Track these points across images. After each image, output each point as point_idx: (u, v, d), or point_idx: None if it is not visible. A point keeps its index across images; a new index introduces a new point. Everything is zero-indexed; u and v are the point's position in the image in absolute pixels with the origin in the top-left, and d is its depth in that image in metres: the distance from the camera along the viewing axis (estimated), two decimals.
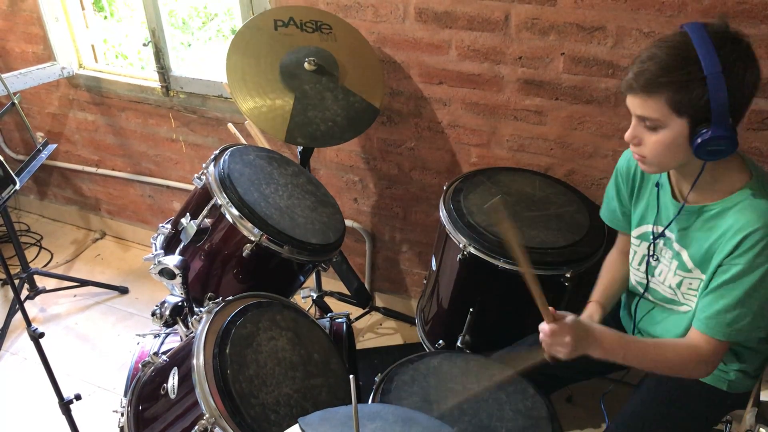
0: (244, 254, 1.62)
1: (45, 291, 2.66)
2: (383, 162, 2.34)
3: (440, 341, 1.87)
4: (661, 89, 1.11)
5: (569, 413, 2.15)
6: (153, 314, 1.52)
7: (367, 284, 2.65)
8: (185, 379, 1.29)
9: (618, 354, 1.26)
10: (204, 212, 1.67)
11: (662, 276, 1.38)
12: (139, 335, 1.73)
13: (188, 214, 1.71)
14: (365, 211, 2.50)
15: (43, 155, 2.25)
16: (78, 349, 2.50)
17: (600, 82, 1.85)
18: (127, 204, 3.11)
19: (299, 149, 2.10)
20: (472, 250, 1.65)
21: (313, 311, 2.46)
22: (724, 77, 1.07)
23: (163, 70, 2.52)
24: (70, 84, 2.81)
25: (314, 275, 2.43)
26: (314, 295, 2.45)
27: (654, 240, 1.38)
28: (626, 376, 1.58)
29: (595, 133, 1.94)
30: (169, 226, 1.80)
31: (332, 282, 2.60)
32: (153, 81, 2.61)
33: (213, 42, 3.66)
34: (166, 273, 1.50)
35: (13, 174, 1.87)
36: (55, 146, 2.37)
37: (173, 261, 1.50)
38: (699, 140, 1.12)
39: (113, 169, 3.01)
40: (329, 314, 1.82)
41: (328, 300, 2.51)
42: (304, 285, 1.97)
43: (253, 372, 1.30)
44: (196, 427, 1.20)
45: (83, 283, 2.75)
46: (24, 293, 2.60)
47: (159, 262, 1.51)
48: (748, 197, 1.19)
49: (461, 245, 1.67)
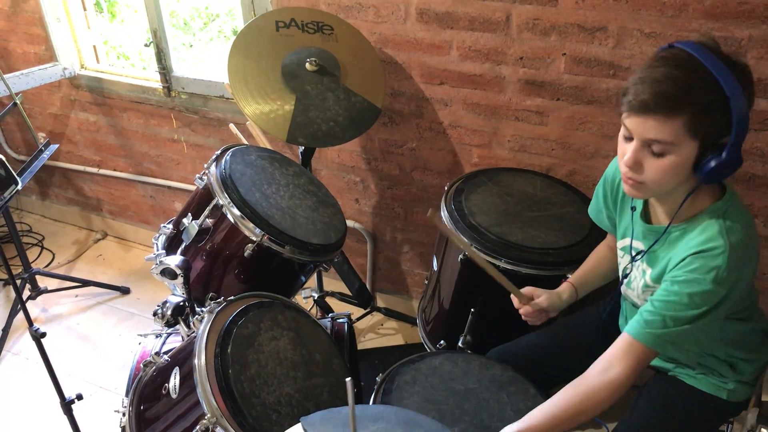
0: (246, 254, 1.62)
1: (47, 291, 2.67)
2: (384, 162, 2.34)
3: (441, 341, 1.87)
4: (682, 111, 1.04)
5: None
6: (154, 314, 1.52)
7: (369, 284, 2.66)
8: (187, 379, 1.29)
9: None
10: (205, 212, 1.67)
11: (635, 291, 1.36)
12: (141, 335, 1.74)
13: (190, 215, 1.71)
14: (366, 212, 2.50)
15: (45, 156, 2.25)
16: (79, 349, 2.51)
17: (601, 83, 1.85)
18: (129, 204, 3.11)
19: (300, 149, 2.10)
20: (474, 251, 1.65)
21: (315, 311, 2.47)
22: (744, 98, 1.03)
23: (165, 71, 2.53)
24: (72, 84, 2.82)
25: (316, 275, 2.43)
26: (315, 296, 2.45)
27: (633, 256, 1.35)
28: None
29: (597, 134, 1.94)
30: (171, 227, 1.80)
31: (333, 282, 2.61)
32: (154, 81, 2.61)
33: (214, 43, 3.67)
34: (168, 273, 1.50)
35: (15, 174, 1.87)
36: (57, 147, 2.37)
37: (175, 261, 1.50)
38: (712, 164, 1.07)
39: (115, 170, 3.02)
40: (330, 314, 1.82)
41: (330, 300, 2.51)
42: (306, 285, 1.97)
43: (255, 372, 1.31)
44: (198, 427, 1.20)
45: (85, 284, 2.75)
46: (26, 293, 2.61)
47: (161, 262, 1.51)
48: (708, 217, 1.16)
49: (462, 245, 1.67)
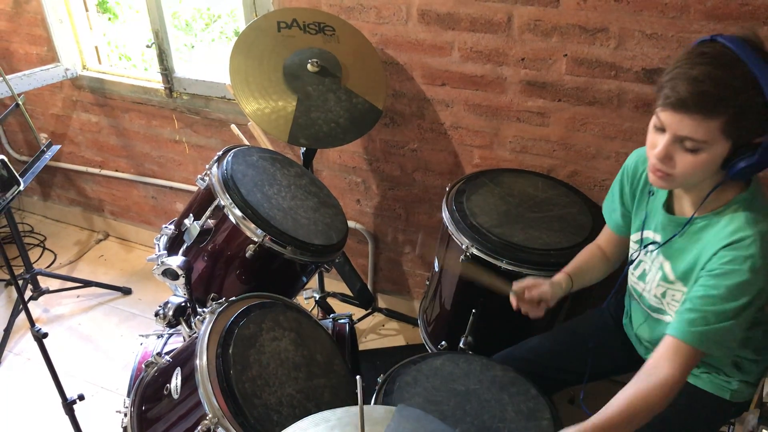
0: (247, 255, 1.62)
1: (48, 291, 2.67)
2: (386, 163, 2.34)
3: (443, 342, 1.86)
4: (721, 114, 1.03)
5: (571, 415, 2.14)
6: (156, 315, 1.52)
7: (370, 285, 2.66)
8: (188, 380, 1.29)
9: None
10: (207, 213, 1.67)
11: (649, 285, 1.37)
12: (142, 336, 1.74)
13: (191, 215, 1.72)
14: (368, 213, 2.50)
15: (47, 156, 2.25)
16: (81, 350, 2.51)
17: (603, 84, 1.85)
18: (131, 205, 3.11)
19: (302, 150, 2.10)
20: (475, 252, 1.65)
21: (316, 312, 2.47)
22: None
23: (167, 72, 2.53)
24: (74, 85, 2.82)
25: (317, 276, 2.43)
26: (317, 296, 2.45)
27: (644, 247, 1.36)
28: (629, 378, 1.57)
29: (598, 135, 1.94)
30: (173, 227, 1.80)
31: (335, 283, 2.61)
32: (156, 82, 2.62)
33: (216, 43, 3.68)
34: (170, 274, 1.50)
35: (17, 175, 1.87)
36: (59, 147, 2.37)
37: (176, 262, 1.50)
38: (743, 164, 1.08)
39: (116, 170, 3.02)
40: (332, 315, 1.82)
41: (331, 301, 2.51)
42: (307, 286, 1.98)
43: (256, 372, 1.31)
44: (199, 428, 1.20)
45: (86, 284, 2.75)
46: (27, 294, 2.61)
47: (162, 263, 1.51)
48: (734, 210, 1.17)
49: (464, 246, 1.67)
